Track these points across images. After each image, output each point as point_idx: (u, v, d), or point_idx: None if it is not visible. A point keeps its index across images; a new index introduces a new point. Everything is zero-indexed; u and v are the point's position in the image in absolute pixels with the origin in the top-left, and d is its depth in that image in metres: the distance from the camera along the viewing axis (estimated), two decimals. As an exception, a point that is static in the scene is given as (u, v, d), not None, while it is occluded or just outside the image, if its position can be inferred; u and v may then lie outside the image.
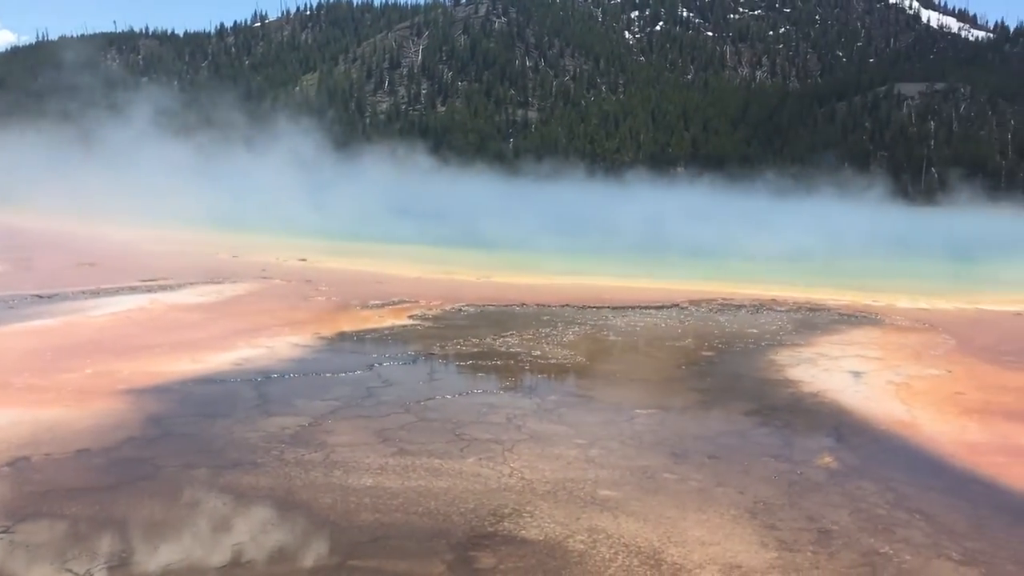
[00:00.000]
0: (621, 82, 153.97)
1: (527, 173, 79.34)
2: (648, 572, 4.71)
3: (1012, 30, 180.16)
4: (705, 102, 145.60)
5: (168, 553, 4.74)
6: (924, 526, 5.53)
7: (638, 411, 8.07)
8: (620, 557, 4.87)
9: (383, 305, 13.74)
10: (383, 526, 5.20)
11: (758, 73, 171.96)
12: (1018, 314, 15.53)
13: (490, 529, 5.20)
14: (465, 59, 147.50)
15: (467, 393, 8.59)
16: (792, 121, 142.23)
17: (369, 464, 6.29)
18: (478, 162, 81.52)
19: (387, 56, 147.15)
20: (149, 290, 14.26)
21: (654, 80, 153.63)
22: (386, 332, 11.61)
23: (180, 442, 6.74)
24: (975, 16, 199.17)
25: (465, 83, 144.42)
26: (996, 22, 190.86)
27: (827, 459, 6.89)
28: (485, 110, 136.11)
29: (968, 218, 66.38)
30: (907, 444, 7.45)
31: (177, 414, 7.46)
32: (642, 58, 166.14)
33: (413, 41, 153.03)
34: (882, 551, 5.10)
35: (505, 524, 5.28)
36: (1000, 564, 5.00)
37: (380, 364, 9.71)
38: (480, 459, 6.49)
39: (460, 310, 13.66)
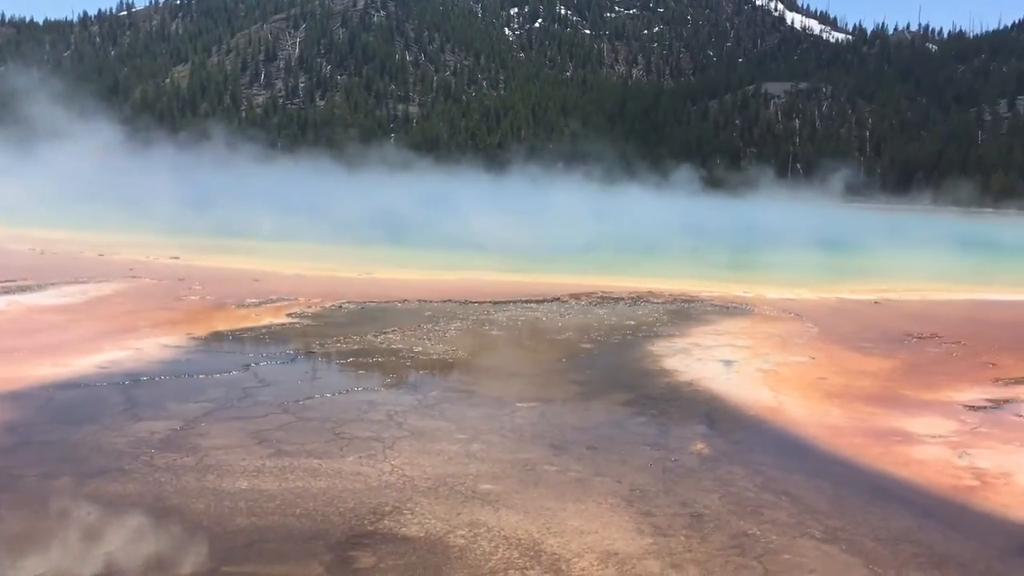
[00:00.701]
0: (502, 78, 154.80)
1: (414, 167, 78.85)
2: (527, 563, 4.77)
3: (869, 33, 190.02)
4: (584, 99, 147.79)
5: (31, 567, 4.50)
6: (789, 507, 5.80)
7: (519, 405, 8.15)
8: (500, 550, 4.91)
9: (260, 303, 13.40)
10: (259, 530, 5.09)
11: (634, 71, 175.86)
12: (876, 303, 16.41)
13: (370, 528, 5.16)
14: (344, 52, 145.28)
15: (347, 391, 8.48)
16: (667, 118, 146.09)
17: (245, 467, 6.13)
18: (360, 156, 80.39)
19: (263, 48, 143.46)
20: (7, 291, 13.46)
21: (534, 76, 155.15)
22: (263, 331, 11.33)
23: (40, 450, 6.41)
24: (835, 19, 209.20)
25: (344, 77, 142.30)
26: (854, 25, 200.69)
27: (700, 446, 7.12)
28: (366, 104, 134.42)
29: (832, 212, 69.80)
30: (774, 429, 7.78)
31: (37, 421, 7.09)
32: (522, 54, 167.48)
33: (290, 33, 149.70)
34: (750, 532, 5.31)
35: (385, 522, 5.24)
36: (859, 540, 5.28)
37: (257, 364, 9.48)
38: (360, 457, 6.42)
39: (341, 307, 13.47)
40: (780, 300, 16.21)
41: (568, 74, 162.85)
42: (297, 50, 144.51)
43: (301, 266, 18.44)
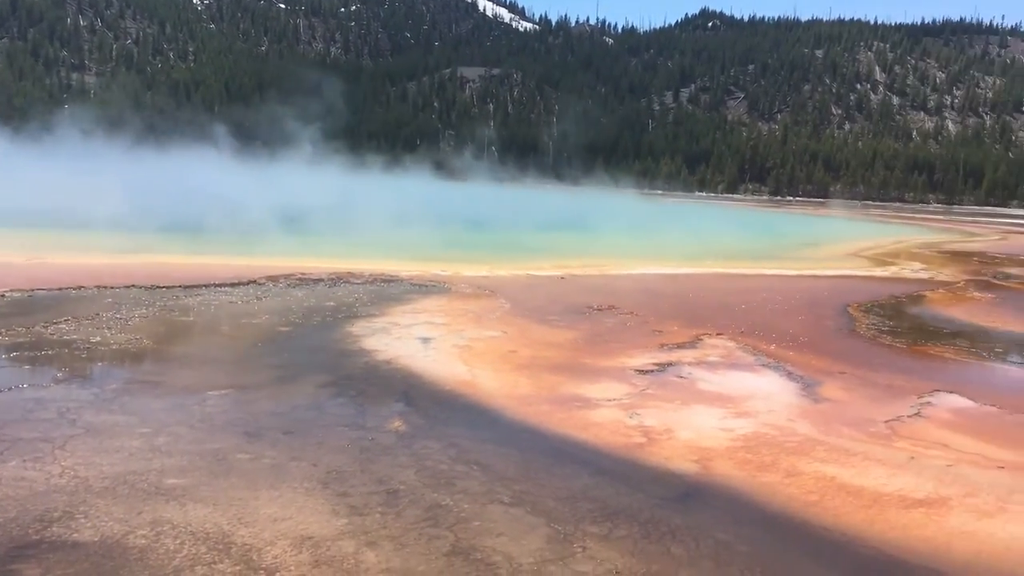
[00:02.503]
0: (191, 49, 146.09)
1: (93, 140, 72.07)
2: (216, 557, 4.58)
3: (554, 24, 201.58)
4: (281, 75, 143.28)
5: None
6: (480, 476, 6.05)
7: (210, 393, 7.79)
8: (186, 547, 4.67)
9: (-101, 295, 11.68)
10: None
11: (332, 49, 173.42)
12: (562, 278, 17.52)
13: (35, 537, 4.69)
14: (5, 14, 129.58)
15: (10, 389, 7.62)
16: (367, 98, 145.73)
17: None
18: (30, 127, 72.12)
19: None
20: None
21: (226, 50, 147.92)
22: (-97, 327, 9.88)
23: None
24: (523, 8, 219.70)
25: (6, 40, 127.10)
26: (541, 15, 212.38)
27: (397, 423, 7.23)
28: (33, 72, 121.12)
29: (524, 193, 73.42)
30: (468, 402, 8.07)
31: None
32: (212, 26, 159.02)
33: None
34: (444, 503, 5.49)
35: (54, 529, 4.79)
36: (543, 501, 5.64)
37: None
38: (25, 461, 5.81)
39: (3, 296, 12.08)
40: (476, 278, 16.81)
41: (263, 49, 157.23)
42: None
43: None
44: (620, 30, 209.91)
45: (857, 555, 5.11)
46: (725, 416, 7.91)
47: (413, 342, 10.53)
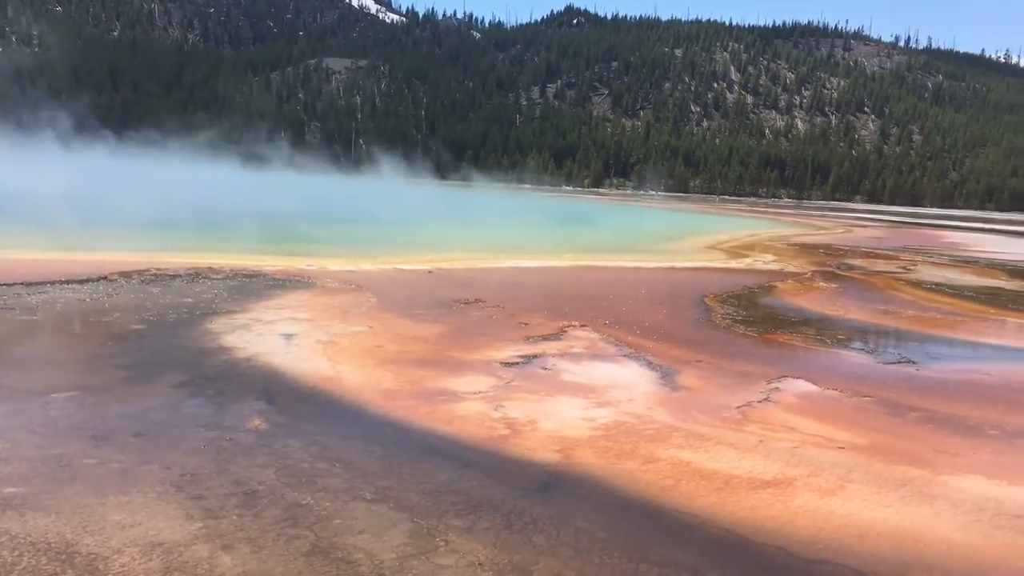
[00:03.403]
0: (35, 33, 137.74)
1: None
2: (59, 568, 4.34)
3: (421, 16, 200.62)
4: (135, 62, 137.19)
5: None
6: (343, 473, 5.97)
7: (54, 396, 7.37)
8: (25, 558, 4.41)
9: None
10: None
11: (190, 36, 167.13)
12: (429, 272, 17.47)
13: None
14: None
15: None
16: (228, 88, 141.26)
17: None
18: None
19: None
20: None
21: (75, 34, 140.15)
22: None
23: None
24: (389, 0, 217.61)
25: None
26: (407, 8, 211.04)
27: (257, 422, 7.04)
28: None
29: (391, 186, 72.86)
30: (332, 398, 7.94)
31: None
32: (59, 8, 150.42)
33: None
34: (304, 503, 5.38)
35: None
36: (406, 496, 5.61)
37: None
38: None
39: None
40: (342, 272, 16.56)
41: (116, 34, 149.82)
42: None
43: None
44: (487, 25, 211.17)
45: (709, 536, 5.32)
46: (587, 406, 8.08)
47: (275, 338, 10.28)
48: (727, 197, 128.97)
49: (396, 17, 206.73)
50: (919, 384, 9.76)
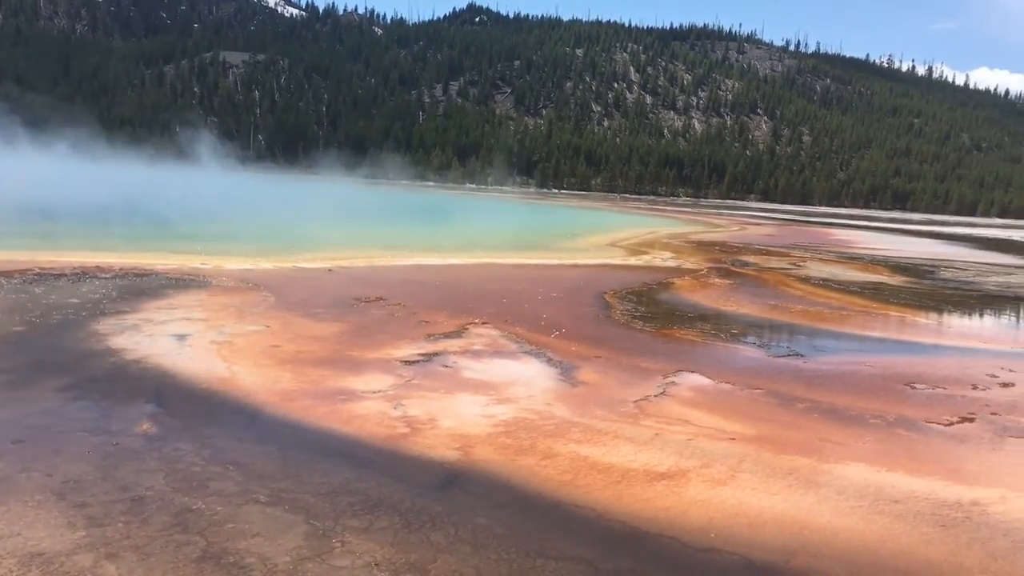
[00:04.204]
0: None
1: None
2: (-73, 585, 4.12)
3: (321, 11, 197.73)
4: (18, 53, 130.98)
5: None
6: (237, 476, 5.83)
7: (-76, 403, 6.97)
8: None
9: None
10: None
11: (78, 26, 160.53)
12: (330, 270, 17.23)
13: None
14: None
15: None
16: (118, 81, 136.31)
17: None
18: None
19: None
20: None
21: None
22: None
23: None
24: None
25: None
26: (307, 2, 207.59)
27: (146, 425, 6.81)
28: None
29: (293, 183, 71.54)
30: (226, 400, 7.74)
31: None
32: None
33: None
34: (195, 507, 5.23)
35: None
36: (302, 498, 5.51)
37: None
38: None
39: None
40: (239, 271, 16.18)
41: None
42: None
43: None
44: (389, 21, 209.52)
45: (605, 528, 5.40)
46: (488, 403, 8.10)
47: (167, 339, 9.97)
48: (628, 195, 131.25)
49: (296, 11, 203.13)
50: (806, 376, 10.14)
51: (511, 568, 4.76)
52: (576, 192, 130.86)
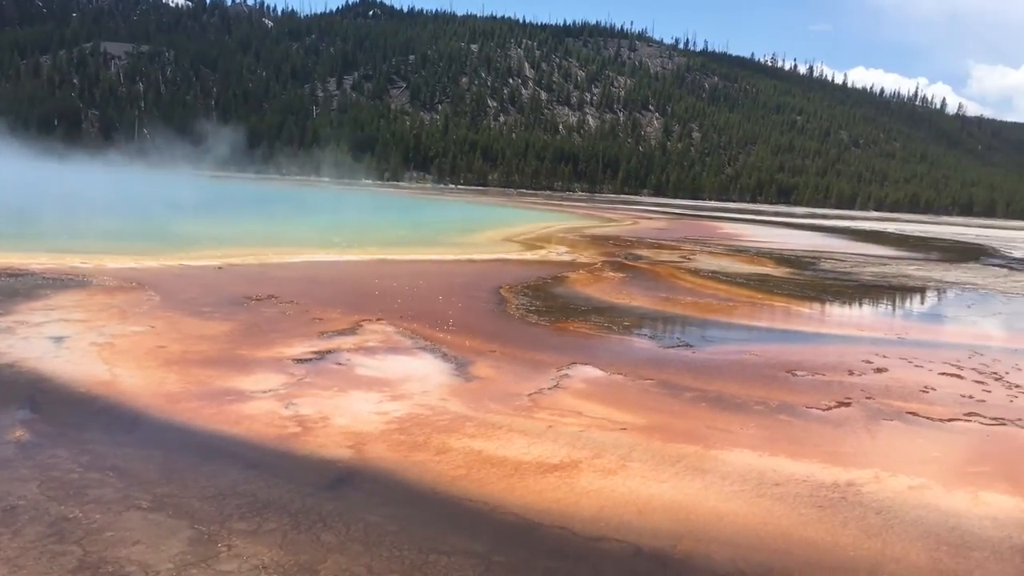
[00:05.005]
0: None
1: None
2: None
3: (208, 1, 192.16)
4: None
5: None
6: (117, 482, 5.61)
7: None
8: None
9: None
10: None
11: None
12: (219, 268, 16.77)
13: None
14: None
15: None
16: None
17: None
18: None
19: None
20: None
21: None
22: None
23: None
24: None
25: None
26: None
27: (19, 432, 6.49)
28: None
29: (178, 178, 69.33)
30: (107, 404, 7.44)
31: None
32: None
33: None
34: (71, 516, 5.01)
35: None
36: (187, 502, 5.35)
37: None
38: None
39: None
40: (122, 269, 15.59)
41: None
42: None
43: None
44: (280, 13, 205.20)
45: (498, 522, 5.43)
46: (381, 400, 8.03)
47: (43, 342, 9.51)
48: (524, 190, 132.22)
49: (181, 1, 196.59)
50: (695, 366, 10.42)
51: (403, 565, 4.73)
52: (473, 187, 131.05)
